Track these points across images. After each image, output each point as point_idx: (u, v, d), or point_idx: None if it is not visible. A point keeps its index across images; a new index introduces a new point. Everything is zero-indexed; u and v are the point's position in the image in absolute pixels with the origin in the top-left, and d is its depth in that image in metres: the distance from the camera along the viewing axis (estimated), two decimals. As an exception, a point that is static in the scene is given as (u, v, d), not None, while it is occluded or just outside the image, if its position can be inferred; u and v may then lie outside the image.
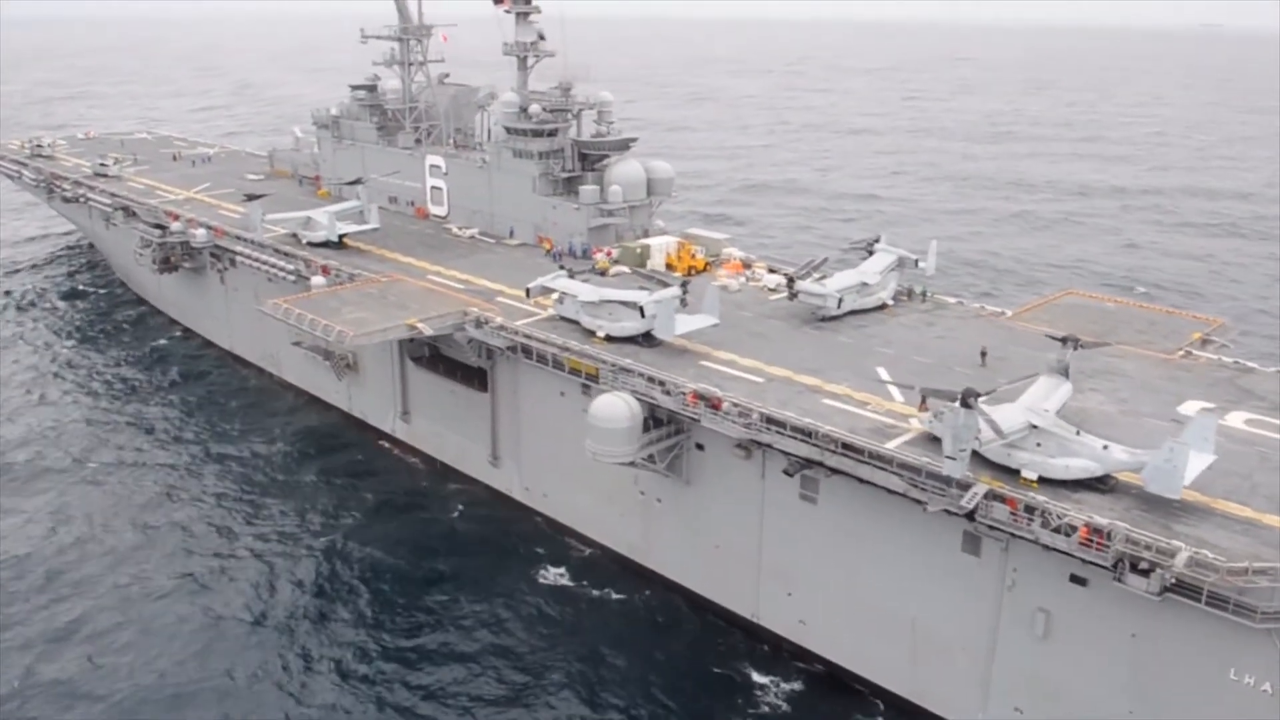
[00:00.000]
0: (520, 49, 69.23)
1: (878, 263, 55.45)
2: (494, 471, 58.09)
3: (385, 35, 78.61)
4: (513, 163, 68.56)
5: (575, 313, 51.49)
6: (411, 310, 54.33)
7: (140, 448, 64.62)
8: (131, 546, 52.97)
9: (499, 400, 56.10)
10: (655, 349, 48.85)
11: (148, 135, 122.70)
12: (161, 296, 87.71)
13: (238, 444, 65.37)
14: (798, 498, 42.37)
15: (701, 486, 46.37)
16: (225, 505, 57.52)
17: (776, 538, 43.94)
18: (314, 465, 62.65)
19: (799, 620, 44.26)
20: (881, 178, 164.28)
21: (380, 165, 77.84)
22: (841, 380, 44.77)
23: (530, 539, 54.07)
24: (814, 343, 49.91)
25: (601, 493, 51.33)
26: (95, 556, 51.92)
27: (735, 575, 46.19)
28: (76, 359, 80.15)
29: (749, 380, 45.01)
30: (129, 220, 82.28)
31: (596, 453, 44.10)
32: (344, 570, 51.25)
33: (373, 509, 57.34)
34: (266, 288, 71.38)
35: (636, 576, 50.63)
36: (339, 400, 69.02)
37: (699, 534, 47.16)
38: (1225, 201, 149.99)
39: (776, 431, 40.25)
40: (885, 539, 39.91)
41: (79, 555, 52.01)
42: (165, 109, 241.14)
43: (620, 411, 43.32)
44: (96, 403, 71.35)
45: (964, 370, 45.93)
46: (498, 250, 68.14)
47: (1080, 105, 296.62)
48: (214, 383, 75.87)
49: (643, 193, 66.45)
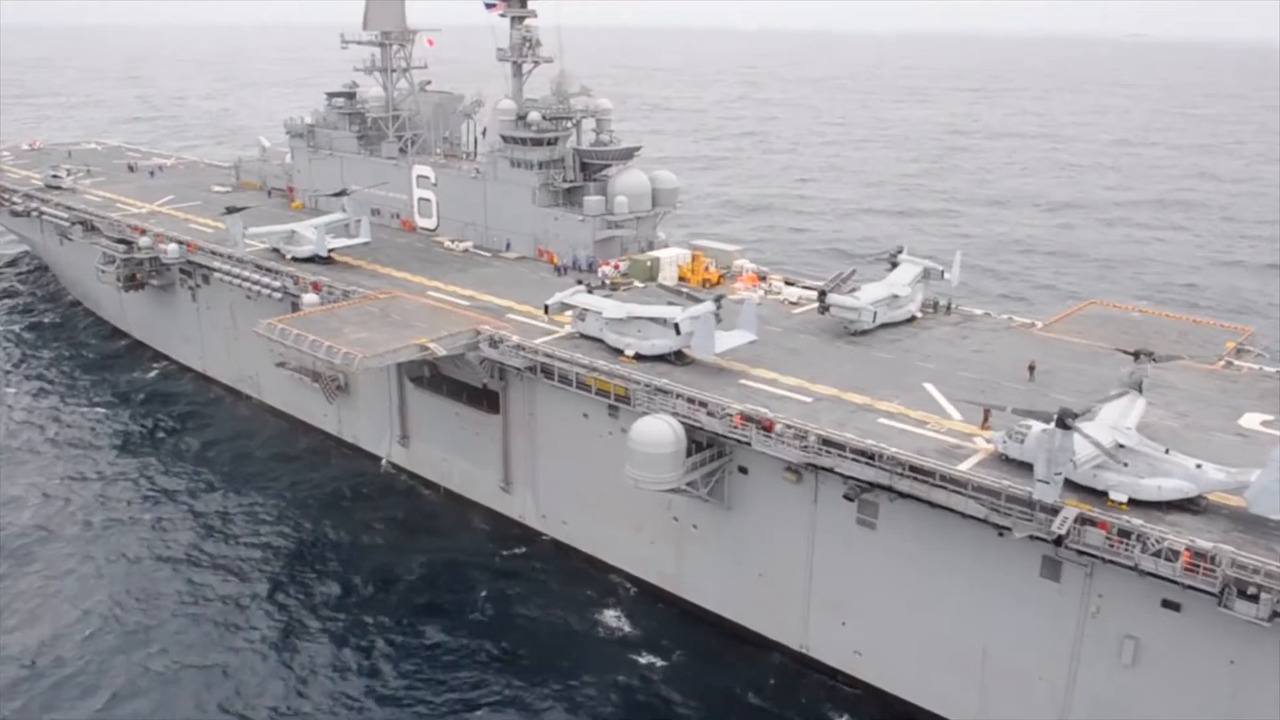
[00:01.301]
0: (515, 54, 66.45)
1: (905, 274, 53.78)
2: (505, 498, 55.01)
3: (366, 40, 75.08)
4: (510, 173, 65.64)
5: (599, 330, 48.82)
6: (419, 329, 51.12)
7: (118, 500, 58.33)
8: (129, 632, 46.42)
9: (512, 423, 53.08)
10: (687, 367, 46.45)
11: (97, 146, 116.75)
12: (124, 316, 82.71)
13: (223, 482, 60.78)
14: (855, 523, 40.21)
15: (744, 512, 43.98)
16: (216, 554, 52.74)
17: (829, 565, 41.71)
18: (309, 498, 58.77)
19: (854, 651, 42.06)
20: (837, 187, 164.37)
21: (362, 176, 74.21)
22: (891, 398, 42.82)
23: (568, 577, 50.78)
24: (852, 359, 47.94)
25: (629, 519, 48.64)
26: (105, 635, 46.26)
27: (781, 604, 43.84)
28: (31, 396, 73.88)
29: (795, 400, 42.80)
30: (89, 235, 77.40)
31: (639, 479, 41.45)
32: (380, 633, 46.51)
33: (387, 547, 53.61)
34: (245, 306, 67.55)
35: (665, 605, 48.09)
36: (328, 424, 65.24)
37: (741, 561, 44.73)
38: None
39: (837, 454, 38.09)
40: (953, 565, 37.93)
41: (91, 632, 46.50)
42: (83, 120, 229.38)
43: (664, 435, 40.76)
44: (62, 452, 64.55)
45: (1013, 385, 44.40)
46: (495, 264, 65.09)
47: (1040, 110, 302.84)
48: (188, 412, 71.24)
49: (648, 203, 64.05)
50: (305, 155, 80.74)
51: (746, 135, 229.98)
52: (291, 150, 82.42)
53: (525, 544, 53.38)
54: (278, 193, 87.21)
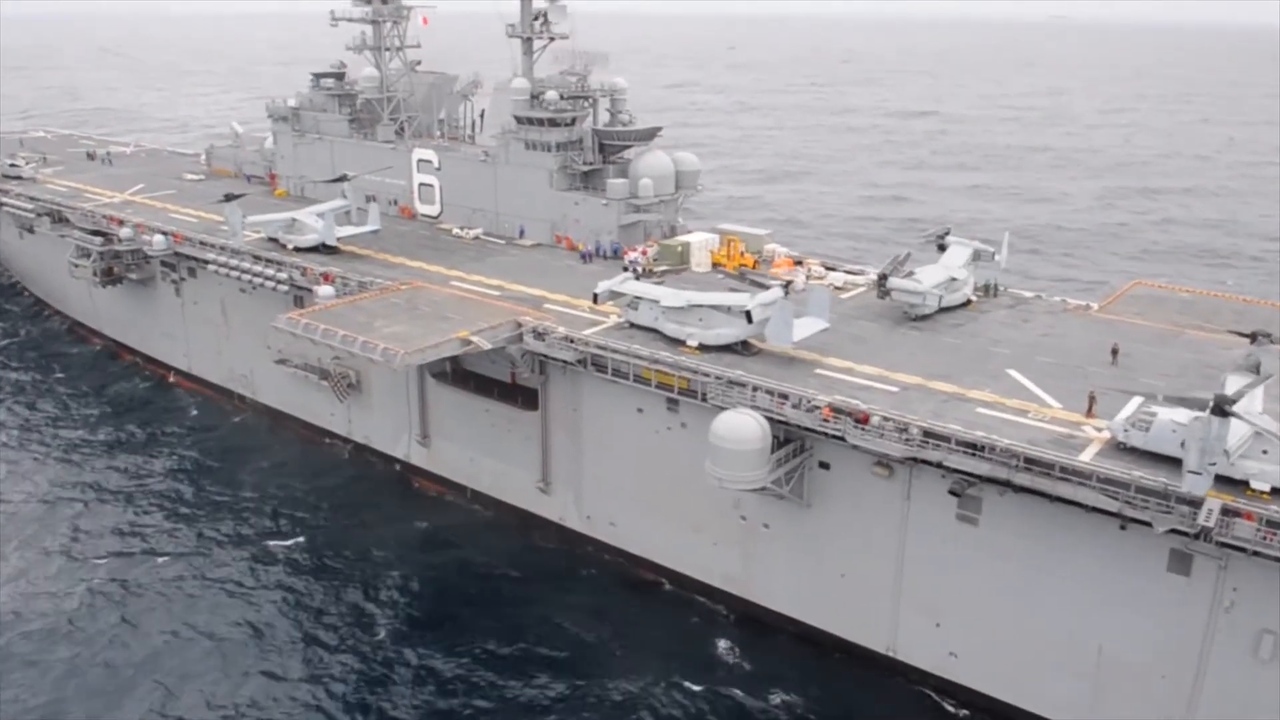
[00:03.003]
0: (527, 30, 62.83)
1: (958, 256, 51.79)
2: (543, 499, 51.75)
3: (357, 17, 70.60)
4: (524, 155, 62.04)
5: (654, 320, 45.83)
6: (455, 322, 47.53)
7: (111, 522, 53.24)
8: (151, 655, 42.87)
9: (552, 419, 49.85)
10: (754, 357, 43.75)
11: (46, 134, 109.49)
12: (95, 314, 77.04)
13: (228, 494, 56.28)
14: (954, 519, 37.98)
15: (825, 509, 41.49)
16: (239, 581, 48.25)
17: (923, 563, 39.44)
18: (323, 506, 54.78)
19: (949, 653, 39.89)
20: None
21: (355, 161, 69.76)
22: (979, 385, 40.66)
23: (624, 584, 47.68)
24: (921, 345, 45.70)
25: (689, 520, 45.84)
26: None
27: (866, 606, 41.50)
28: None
29: (880, 390, 40.39)
30: (57, 227, 71.75)
31: (723, 479, 38.70)
32: (439, 657, 42.58)
33: (418, 558, 50.00)
34: (239, 300, 63.13)
35: (727, 609, 45.53)
36: (335, 425, 61.11)
37: (820, 562, 42.25)
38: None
39: (946, 448, 35.79)
40: (1067, 561, 35.93)
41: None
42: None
43: (750, 431, 38.05)
44: (43, 465, 59.39)
45: (1096, 369, 42.58)
46: (512, 252, 61.52)
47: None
48: (174, 417, 66.34)
49: (671, 186, 60.96)
50: (289, 140, 75.90)
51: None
52: (273, 135, 77.45)
53: (568, 547, 50.29)
54: (256, 180, 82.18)
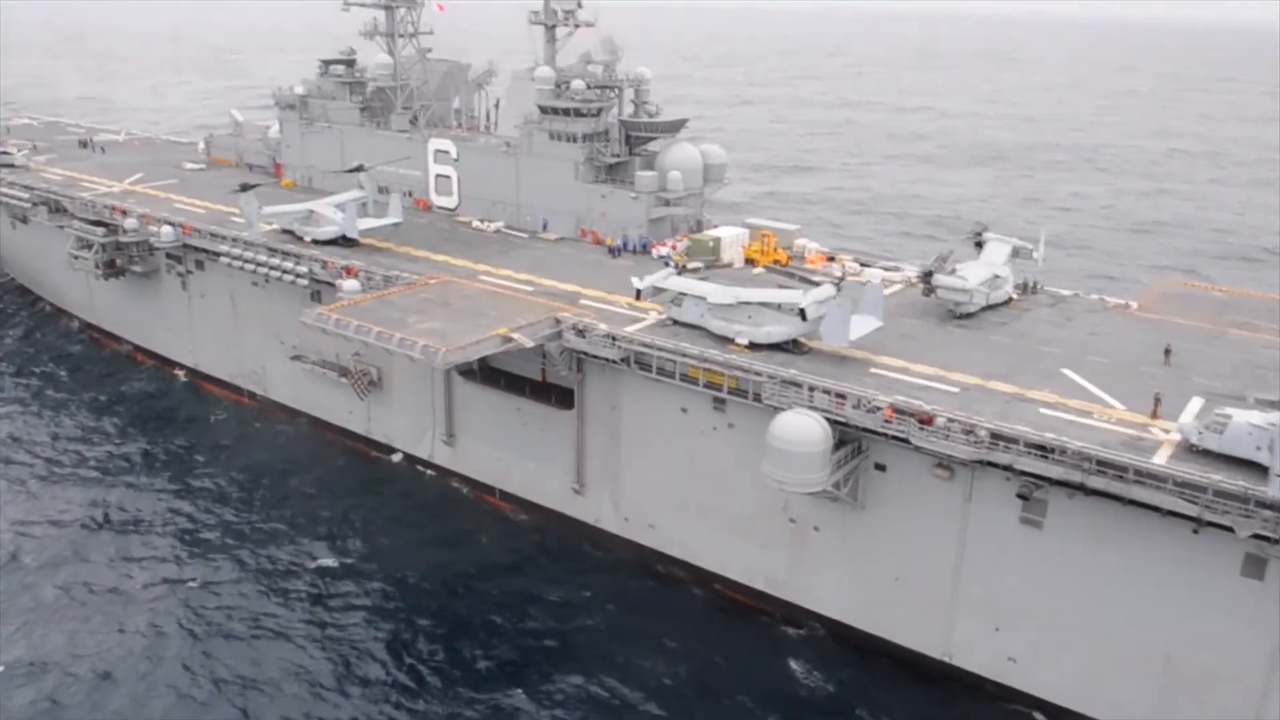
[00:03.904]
0: (550, 17, 61.44)
1: (998, 253, 51.17)
2: (577, 500, 50.62)
3: (371, 3, 68.78)
4: (549, 146, 60.66)
5: (699, 317, 44.79)
6: (492, 318, 46.19)
7: (121, 533, 50.72)
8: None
9: (588, 418, 48.71)
10: (806, 356, 42.85)
11: (31, 121, 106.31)
12: (92, 307, 74.75)
13: (243, 497, 54.45)
14: (1017, 522, 37.35)
15: (879, 511, 40.71)
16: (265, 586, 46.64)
17: (983, 567, 38.77)
18: (349, 509, 53.09)
19: (1007, 658, 39.29)
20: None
21: (367, 151, 68.10)
22: (1038, 385, 40.02)
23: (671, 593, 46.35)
24: (972, 344, 45.00)
25: (734, 522, 44.93)
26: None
27: (921, 611, 40.78)
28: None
29: (939, 390, 39.64)
30: (55, 217, 69.40)
31: (783, 481, 37.84)
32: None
33: (453, 566, 48.19)
34: (250, 294, 61.39)
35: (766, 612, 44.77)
36: (353, 423, 59.54)
37: (875, 565, 41.47)
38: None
39: (1016, 450, 35.10)
40: (1135, 565, 35.40)
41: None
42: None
43: (812, 433, 37.19)
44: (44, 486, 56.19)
45: (1150, 369, 42.11)
46: (537, 246, 60.17)
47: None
48: (183, 414, 64.39)
49: (699, 180, 59.93)
50: (297, 129, 73.95)
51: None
52: (280, 123, 75.41)
53: (606, 551, 49.18)
54: (258, 169, 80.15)
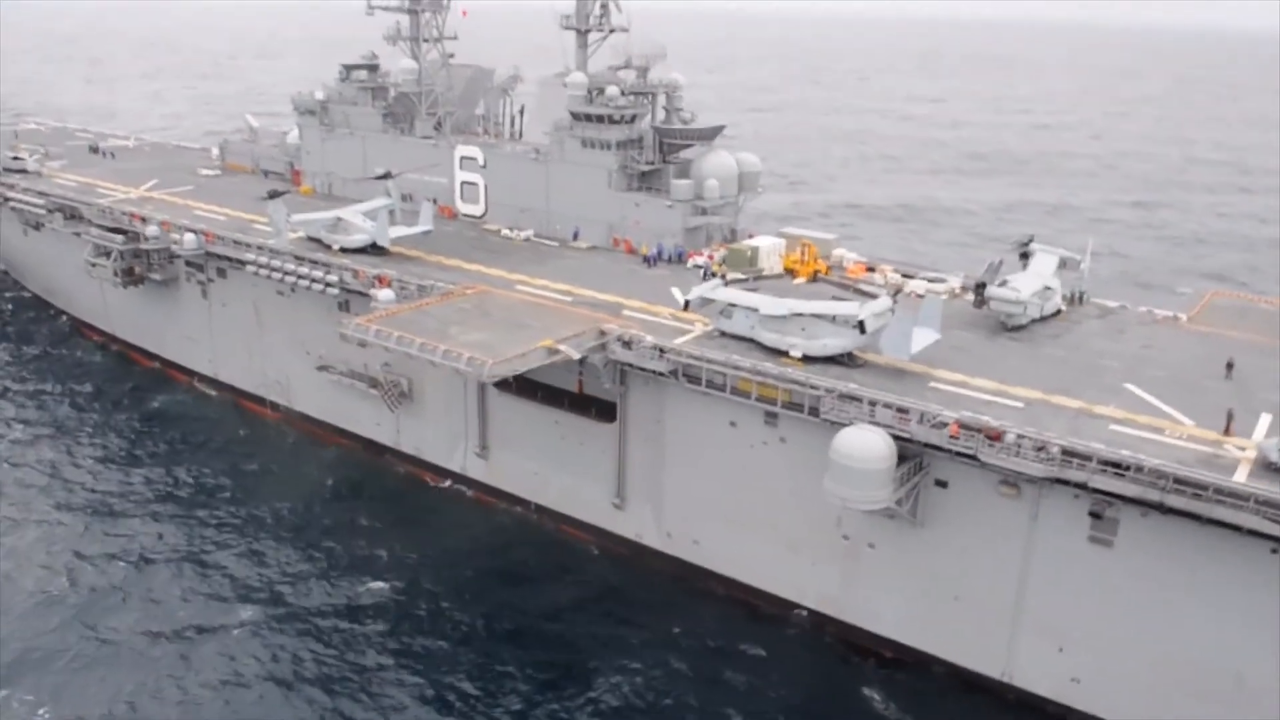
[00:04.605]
0: (582, 22, 60.52)
1: (1046, 264, 50.35)
2: (617, 515, 49.54)
3: (394, 7, 67.76)
4: (581, 154, 59.69)
5: (750, 329, 43.83)
6: (535, 329, 45.12)
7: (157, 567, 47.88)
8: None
9: (630, 432, 47.66)
10: (861, 369, 41.92)
11: (39, 126, 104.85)
12: (107, 315, 73.38)
13: (275, 518, 52.61)
14: (1085, 540, 36.45)
15: (939, 529, 39.75)
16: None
17: (1048, 586, 37.83)
18: (390, 528, 51.56)
19: (1071, 679, 38.34)
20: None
21: (390, 157, 66.89)
22: (1103, 400, 39.16)
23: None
24: (1027, 357, 44.14)
25: (784, 538, 43.94)
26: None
27: (981, 630, 39.82)
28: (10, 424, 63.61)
29: (1003, 405, 38.74)
30: (70, 224, 68.12)
31: (846, 499, 36.96)
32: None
33: (504, 587, 46.66)
34: (275, 303, 60.19)
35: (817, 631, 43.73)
36: (381, 435, 58.35)
37: (933, 584, 40.49)
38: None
39: (1090, 468, 34.20)
40: (1209, 584, 34.52)
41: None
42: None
43: (878, 449, 36.29)
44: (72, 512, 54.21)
45: (1213, 384, 41.33)
46: (569, 255, 59.17)
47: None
48: (209, 426, 62.98)
49: (735, 188, 59.03)
50: (317, 134, 72.82)
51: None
52: (299, 129, 74.27)
53: (654, 571, 47.98)
54: (274, 175, 78.94)
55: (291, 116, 74.90)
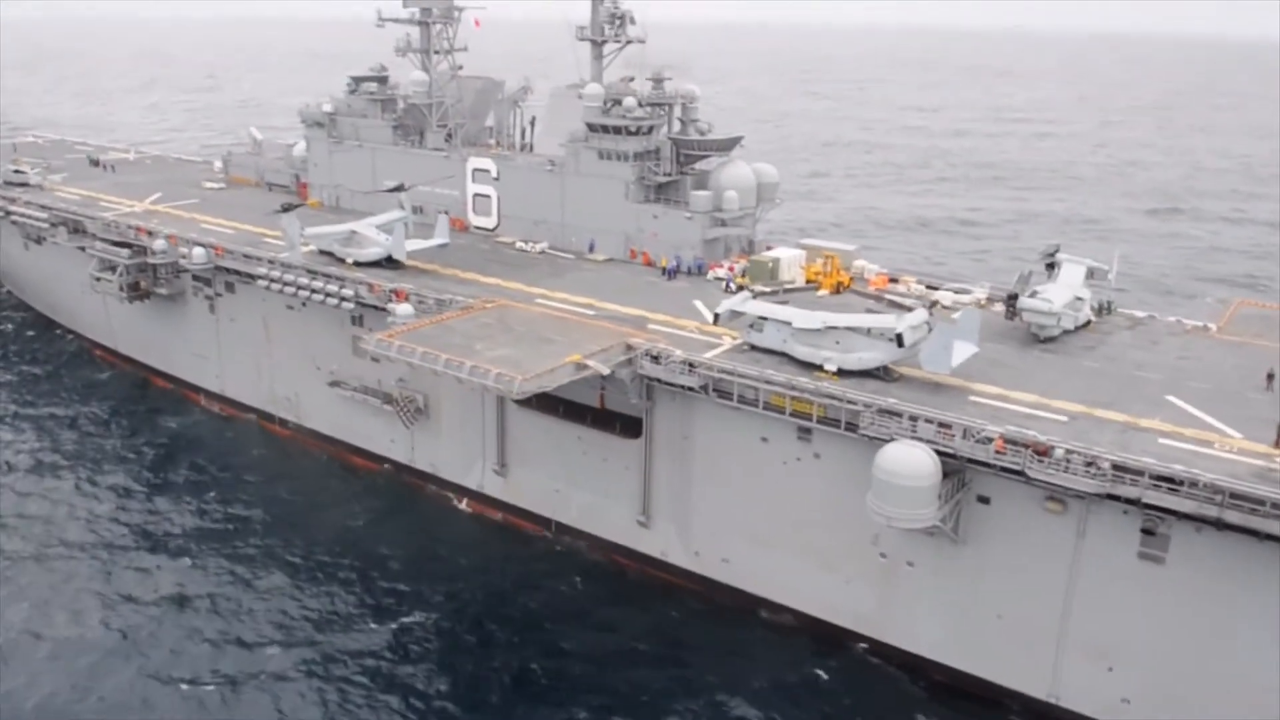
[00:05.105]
0: (598, 33, 59.77)
1: (1075, 275, 49.68)
2: (641, 533, 48.45)
3: (405, 19, 66.89)
4: (597, 165, 58.83)
5: (781, 342, 42.94)
6: (560, 344, 44.11)
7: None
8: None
9: (657, 448, 46.64)
10: (897, 383, 41.04)
11: (37, 139, 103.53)
12: (110, 330, 72.05)
13: (298, 536, 51.10)
14: (1135, 557, 35.58)
15: (981, 546, 38.81)
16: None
17: (1096, 604, 36.92)
18: (422, 561, 49.78)
19: (1121, 699, 37.38)
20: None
21: (400, 170, 65.98)
22: (1148, 414, 38.35)
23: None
24: (1063, 369, 43.34)
25: (819, 556, 42.94)
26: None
27: (1026, 649, 38.85)
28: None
29: (1047, 419, 37.89)
30: (75, 238, 66.89)
31: (891, 517, 36.03)
32: None
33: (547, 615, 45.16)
34: (284, 318, 59.19)
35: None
36: (395, 452, 57.18)
37: (975, 602, 39.53)
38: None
39: (1144, 483, 33.35)
40: (1264, 599, 33.62)
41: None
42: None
43: (923, 465, 35.42)
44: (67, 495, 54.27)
45: (1255, 395, 40.58)
46: (587, 268, 58.23)
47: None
48: (223, 450, 61.38)
49: (753, 199, 58.29)
50: (324, 147, 71.80)
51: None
52: (307, 141, 73.24)
53: (681, 591, 46.87)
54: (278, 188, 77.93)
55: (289, 130, 74.10)
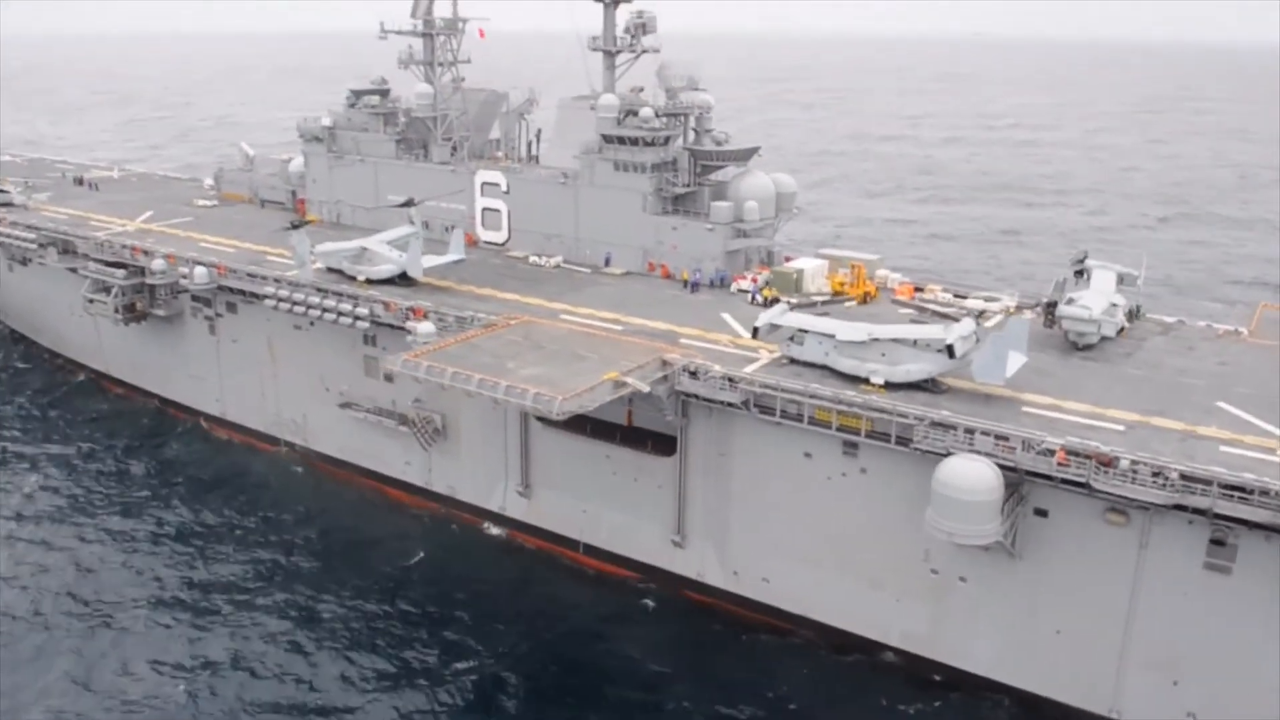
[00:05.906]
0: (611, 43, 58.69)
1: (1107, 281, 49.20)
2: (676, 554, 47.14)
3: (409, 31, 65.45)
4: (613, 177, 57.62)
5: (823, 355, 41.91)
6: (593, 361, 42.82)
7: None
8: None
9: (692, 465, 45.40)
10: (945, 395, 40.16)
11: (14, 158, 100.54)
12: (101, 354, 69.64)
13: (321, 570, 49.46)
14: (1200, 568, 34.87)
15: (1039, 560, 37.93)
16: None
17: (1159, 617, 36.14)
18: (437, 576, 48.69)
19: (1186, 714, 36.59)
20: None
21: (404, 184, 64.40)
22: (1203, 421, 37.75)
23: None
24: (1107, 376, 42.69)
25: (865, 574, 41.89)
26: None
27: (1086, 666, 38.00)
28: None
29: (1103, 429, 37.15)
30: (65, 259, 64.60)
31: (953, 532, 35.04)
32: None
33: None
34: (291, 338, 57.41)
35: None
36: (410, 474, 55.45)
37: (1033, 618, 38.61)
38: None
39: (1214, 493, 32.65)
40: (1340, 613, 33.10)
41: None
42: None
43: (986, 480, 34.53)
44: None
45: (1302, 400, 40.16)
46: (605, 282, 56.94)
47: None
48: (232, 477, 59.07)
49: (772, 210, 57.36)
50: (324, 162, 70.03)
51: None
52: (305, 156, 71.42)
53: (721, 613, 45.60)
54: (272, 204, 76.01)
55: (274, 145, 72.46)
